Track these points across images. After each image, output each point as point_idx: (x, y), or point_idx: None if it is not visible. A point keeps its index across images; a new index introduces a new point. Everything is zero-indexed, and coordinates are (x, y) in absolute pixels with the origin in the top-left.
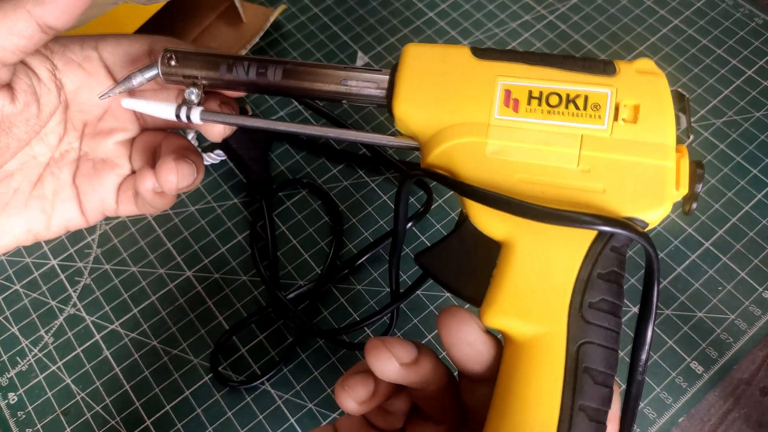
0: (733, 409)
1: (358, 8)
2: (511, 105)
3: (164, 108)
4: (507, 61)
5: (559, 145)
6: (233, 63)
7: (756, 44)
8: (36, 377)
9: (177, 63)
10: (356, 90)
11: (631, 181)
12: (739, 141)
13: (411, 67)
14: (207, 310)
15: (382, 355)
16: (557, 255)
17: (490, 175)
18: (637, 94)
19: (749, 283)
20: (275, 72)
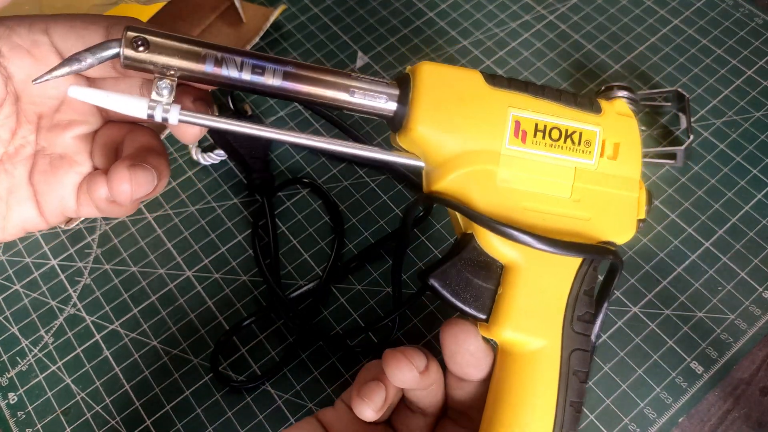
0: (733, 409)
1: (358, 8)
2: (520, 136)
3: (131, 103)
4: (516, 90)
5: (557, 176)
6: (223, 58)
7: (756, 44)
8: (36, 377)
9: (147, 49)
10: (362, 101)
11: (610, 210)
12: (739, 141)
13: (429, 88)
14: (207, 310)
15: (404, 366)
16: (554, 276)
17: (500, 203)
18: (617, 134)
19: (749, 283)
20: (274, 74)
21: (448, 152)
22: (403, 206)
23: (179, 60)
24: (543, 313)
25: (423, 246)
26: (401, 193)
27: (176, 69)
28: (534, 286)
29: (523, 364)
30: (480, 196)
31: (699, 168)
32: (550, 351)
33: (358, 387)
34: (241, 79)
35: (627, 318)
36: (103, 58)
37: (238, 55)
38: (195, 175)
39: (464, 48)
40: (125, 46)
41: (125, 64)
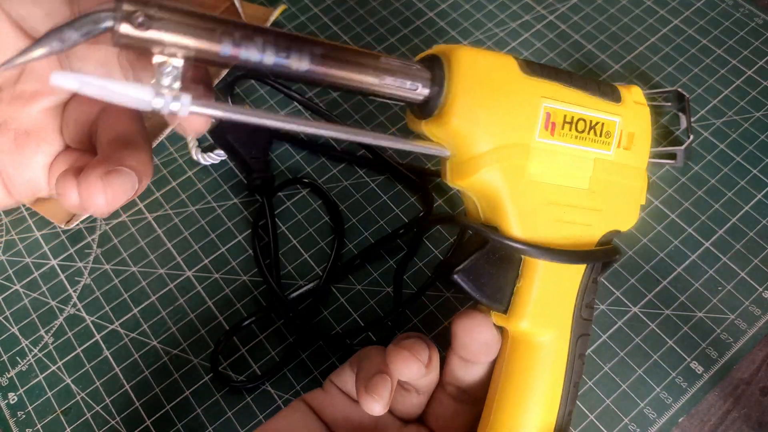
0: (733, 409)
1: (358, 8)
2: (550, 128)
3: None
4: (548, 79)
5: (578, 168)
6: (243, 38)
7: (756, 44)
8: (36, 377)
9: (150, 26)
10: (392, 88)
11: (620, 200)
12: (739, 141)
13: (467, 77)
14: (207, 310)
15: (411, 363)
16: (569, 268)
17: (528, 198)
18: (634, 124)
19: (749, 283)
20: (300, 57)
21: (480, 146)
22: (403, 206)
23: (190, 40)
24: (558, 304)
25: (423, 246)
26: (401, 193)
27: (185, 50)
28: (552, 279)
29: (534, 351)
30: (509, 193)
31: (699, 168)
32: (560, 339)
33: (364, 381)
34: (262, 62)
35: (627, 318)
36: (92, 33)
37: (260, 34)
38: (195, 175)
39: None
40: (121, 19)
41: (120, 42)
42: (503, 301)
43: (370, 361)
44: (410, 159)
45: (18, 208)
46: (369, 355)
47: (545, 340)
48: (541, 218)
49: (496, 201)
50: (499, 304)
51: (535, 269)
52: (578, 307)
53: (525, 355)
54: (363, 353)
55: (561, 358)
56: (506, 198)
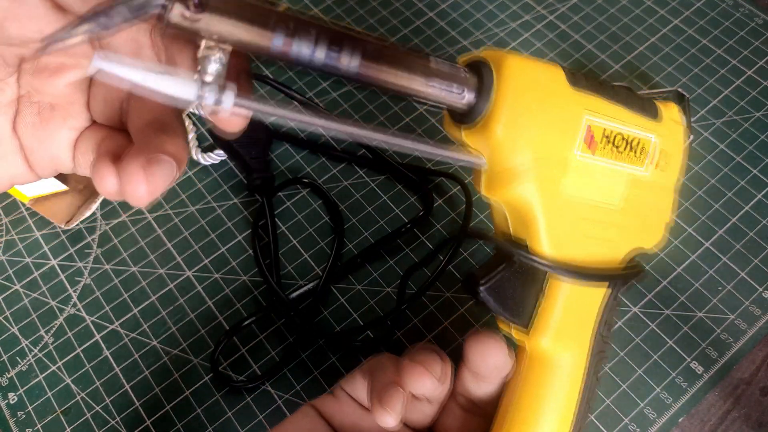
0: (733, 409)
1: (358, 8)
2: (589, 143)
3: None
4: (593, 92)
5: (612, 185)
6: (295, 29)
7: (756, 44)
8: (36, 377)
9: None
10: (437, 91)
11: (647, 218)
12: (739, 141)
13: (516, 87)
14: (207, 310)
15: (426, 379)
16: (593, 288)
17: (562, 215)
18: (668, 142)
19: (749, 283)
20: (352, 55)
21: (519, 159)
22: (403, 206)
23: (243, 29)
24: (580, 323)
25: (423, 246)
26: (401, 193)
27: (235, 40)
28: (576, 298)
29: (550, 368)
30: (542, 208)
31: (699, 168)
32: (578, 358)
33: (378, 393)
34: (311, 59)
35: (627, 318)
36: (142, 13)
37: (313, 28)
38: (195, 175)
39: (464, 48)
40: (174, 1)
41: (169, 26)
42: (525, 316)
43: (383, 372)
44: (410, 159)
45: (18, 207)
46: (382, 365)
47: (563, 358)
48: (570, 234)
49: (528, 215)
50: (520, 319)
51: (560, 288)
52: (599, 325)
53: (541, 372)
54: (375, 362)
55: (577, 377)
56: (538, 212)
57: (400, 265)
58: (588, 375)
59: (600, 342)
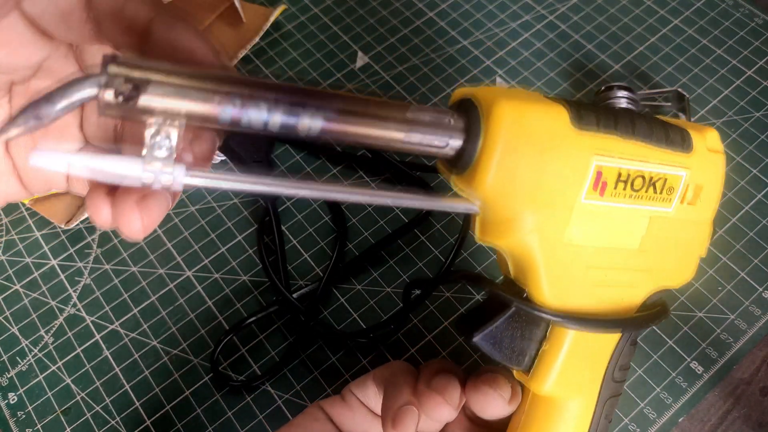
0: (733, 409)
1: (358, 8)
2: (599, 188)
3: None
4: (604, 131)
5: (629, 228)
6: (244, 102)
7: (756, 44)
8: (36, 377)
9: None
10: (419, 144)
11: (674, 256)
12: (739, 141)
13: (507, 137)
14: (207, 310)
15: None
16: (602, 335)
17: (564, 265)
18: (703, 175)
19: (749, 283)
20: (312, 120)
21: (514, 209)
22: None
23: (186, 105)
24: (586, 370)
25: (423, 246)
26: None
27: (180, 118)
28: (582, 344)
29: (555, 412)
30: (543, 260)
31: None
32: (586, 403)
33: (392, 412)
34: (266, 128)
35: None
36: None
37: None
38: None
39: (464, 48)
40: (105, 87)
41: (106, 113)
42: (525, 362)
43: (399, 390)
44: (410, 158)
45: (18, 207)
46: (397, 380)
47: (569, 402)
48: (577, 285)
49: (527, 264)
50: (520, 365)
51: (564, 335)
52: (610, 371)
53: (545, 415)
54: (390, 375)
55: (584, 422)
56: (539, 264)
57: (400, 265)
58: (597, 418)
59: (611, 386)
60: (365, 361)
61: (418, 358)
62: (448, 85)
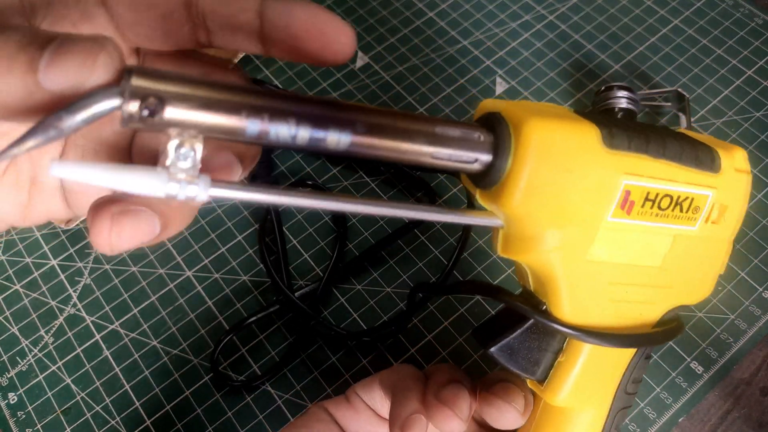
0: (733, 409)
1: (357, 8)
2: (626, 207)
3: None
4: (635, 152)
5: (652, 246)
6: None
7: (756, 44)
8: (36, 377)
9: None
10: (446, 160)
11: (694, 274)
12: (739, 141)
13: (537, 158)
14: (207, 310)
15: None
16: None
17: (586, 281)
18: (729, 196)
19: (749, 283)
20: (340, 135)
21: (539, 227)
22: None
23: (211, 118)
24: (600, 383)
25: (423, 246)
26: (401, 193)
27: (204, 130)
28: (597, 357)
29: (566, 422)
30: (565, 277)
31: None
32: (598, 413)
33: (399, 420)
34: (294, 142)
35: None
36: (93, 118)
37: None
38: None
39: (464, 48)
40: (129, 98)
41: (129, 125)
42: (540, 373)
43: (406, 396)
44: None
45: None
46: (404, 385)
47: (580, 413)
48: (597, 301)
49: (549, 280)
50: (534, 375)
51: (581, 349)
52: (624, 384)
53: (555, 424)
54: (397, 379)
55: (595, 430)
56: (561, 281)
57: (400, 265)
58: (608, 427)
59: (623, 398)
60: (365, 361)
61: (417, 358)
62: (448, 85)
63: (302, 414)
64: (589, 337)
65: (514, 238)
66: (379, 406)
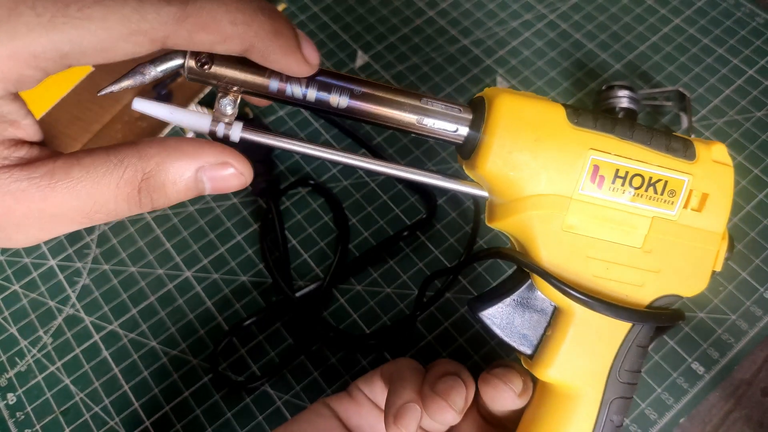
0: (734, 410)
1: (357, 7)
2: (597, 181)
3: (194, 119)
4: (600, 131)
5: (630, 225)
6: (288, 76)
7: (757, 44)
8: (35, 378)
9: (211, 65)
10: (431, 127)
11: (682, 263)
12: (740, 141)
13: (504, 123)
14: (206, 311)
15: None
16: (607, 328)
17: (563, 250)
18: (708, 185)
19: (750, 283)
20: (340, 95)
21: (515, 193)
22: (403, 206)
23: (244, 76)
24: (589, 362)
25: (423, 246)
26: (401, 193)
27: (240, 84)
28: (584, 334)
29: (560, 403)
30: (543, 241)
31: None
32: (590, 397)
33: (394, 409)
34: (305, 99)
35: None
36: (167, 70)
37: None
38: None
39: (464, 47)
40: (189, 58)
41: (189, 78)
42: (530, 346)
43: (402, 385)
44: (411, 158)
45: None
46: (402, 375)
47: (572, 394)
48: (577, 273)
49: (529, 247)
50: (525, 347)
51: (569, 321)
52: (615, 368)
53: (551, 403)
54: (396, 370)
55: (589, 417)
56: (539, 245)
57: (400, 265)
58: (602, 417)
59: (617, 385)
60: (365, 361)
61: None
62: (448, 84)
63: (304, 410)
64: (569, 289)
65: (497, 206)
66: (380, 398)
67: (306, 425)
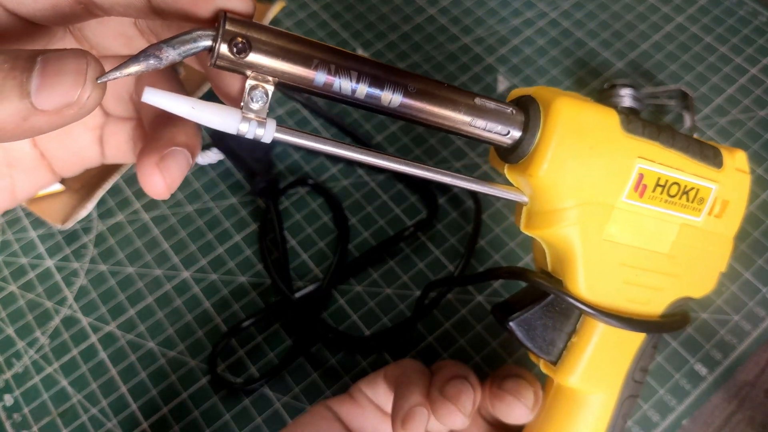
0: (737, 411)
1: (357, 5)
2: (639, 190)
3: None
4: (649, 138)
5: (661, 232)
6: (338, 68)
7: (760, 42)
8: (32, 379)
9: (248, 50)
10: (481, 130)
11: (698, 267)
12: (742, 140)
13: (564, 132)
14: (205, 312)
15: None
16: (629, 333)
17: (601, 258)
18: (730, 192)
19: (753, 284)
20: (393, 94)
21: (560, 201)
22: (403, 206)
23: (286, 66)
24: (611, 367)
25: (424, 246)
26: (401, 193)
27: (279, 76)
28: (609, 340)
29: (577, 406)
30: (582, 251)
31: None
32: (607, 399)
33: (401, 414)
34: (353, 95)
35: None
36: (189, 53)
37: (356, 65)
38: (192, 174)
39: (465, 46)
40: (222, 41)
41: (217, 65)
42: (554, 353)
43: (409, 389)
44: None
45: (14, 207)
46: (408, 378)
47: (591, 397)
48: (609, 279)
49: (567, 256)
50: (549, 355)
51: (594, 329)
52: (632, 370)
53: (567, 408)
54: (401, 374)
55: (604, 418)
56: (578, 255)
57: (400, 266)
58: (615, 416)
59: (631, 385)
60: (365, 362)
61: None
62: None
63: (305, 412)
64: (603, 316)
65: (537, 213)
66: (383, 401)
67: (308, 428)
